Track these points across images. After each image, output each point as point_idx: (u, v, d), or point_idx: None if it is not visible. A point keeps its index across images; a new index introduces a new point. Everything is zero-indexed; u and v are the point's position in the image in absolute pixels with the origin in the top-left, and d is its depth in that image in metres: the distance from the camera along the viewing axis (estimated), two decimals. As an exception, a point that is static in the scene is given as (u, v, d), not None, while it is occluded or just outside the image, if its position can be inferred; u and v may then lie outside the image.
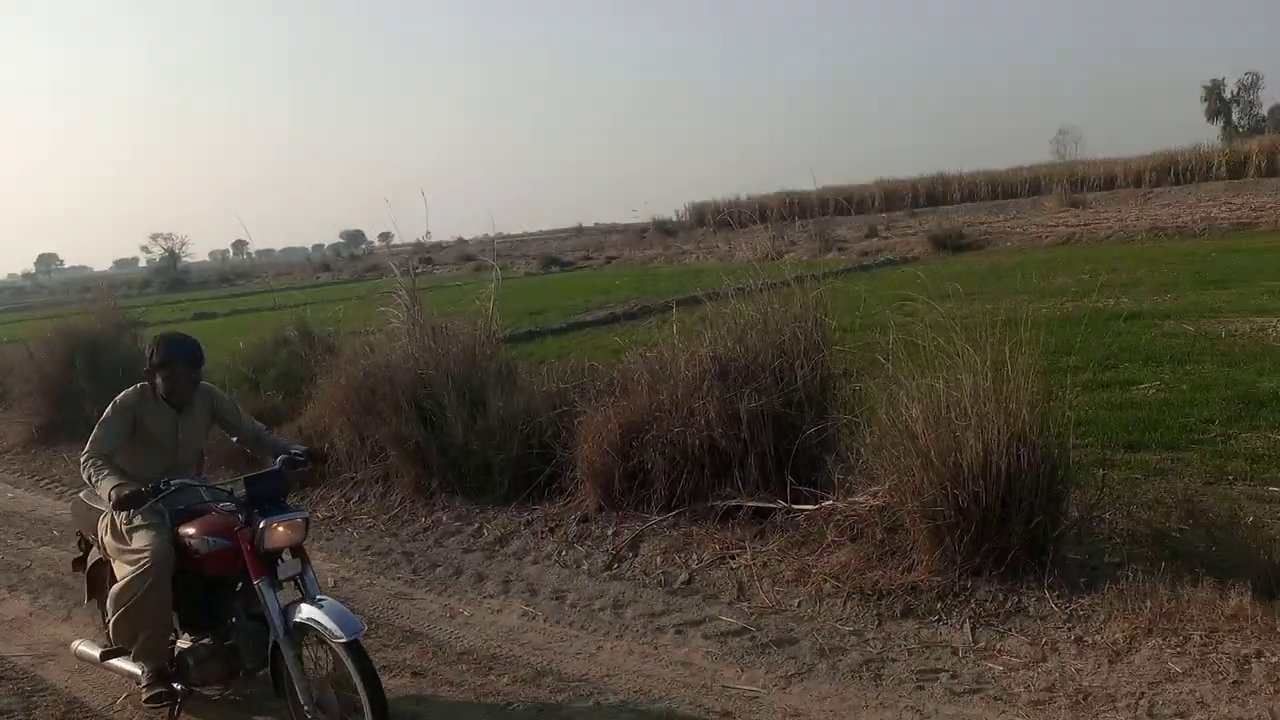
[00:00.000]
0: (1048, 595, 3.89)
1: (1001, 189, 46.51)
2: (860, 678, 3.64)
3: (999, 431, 4.10)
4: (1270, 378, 7.26)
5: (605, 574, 5.01)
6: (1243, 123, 65.00)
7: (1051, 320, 10.70)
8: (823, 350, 5.39)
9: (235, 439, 4.22)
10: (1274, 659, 3.28)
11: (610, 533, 5.36)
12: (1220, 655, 3.35)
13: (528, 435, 6.15)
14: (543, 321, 15.92)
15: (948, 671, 3.58)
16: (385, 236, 46.97)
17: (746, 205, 50.44)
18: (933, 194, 48.46)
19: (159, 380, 3.83)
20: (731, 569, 4.72)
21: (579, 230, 69.57)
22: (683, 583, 4.73)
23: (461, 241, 66.07)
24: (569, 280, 30.21)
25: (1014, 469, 4.04)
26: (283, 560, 3.38)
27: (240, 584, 3.60)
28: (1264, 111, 65.25)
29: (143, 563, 3.48)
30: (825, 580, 4.37)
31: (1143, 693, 3.25)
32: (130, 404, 3.85)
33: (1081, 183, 41.64)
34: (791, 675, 3.73)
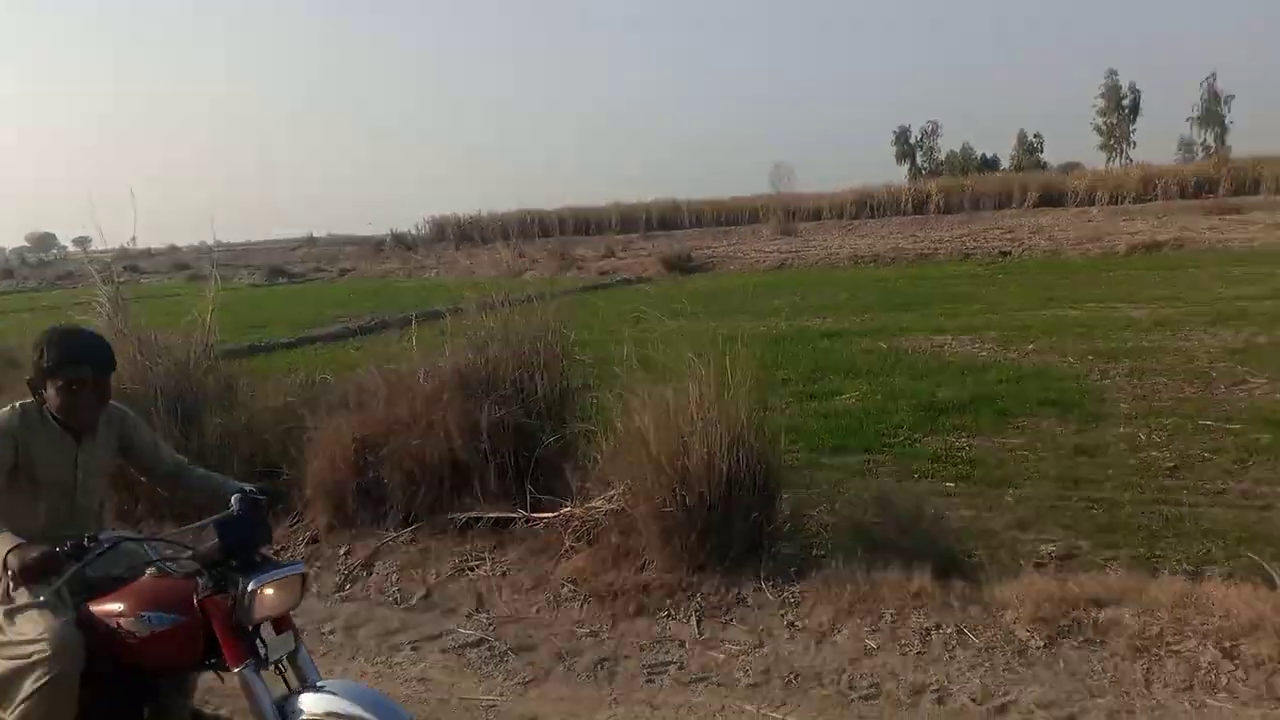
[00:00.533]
0: (764, 586, 4.21)
1: (725, 216, 49.69)
2: (595, 677, 3.75)
3: (721, 436, 4.39)
4: (947, 388, 8.32)
5: (336, 595, 4.80)
6: (925, 165, 74.04)
7: (768, 337, 11.61)
8: (562, 362, 5.51)
9: (145, 478, 3.13)
10: (949, 630, 3.76)
11: (343, 552, 5.14)
12: (907, 630, 3.80)
13: (250, 454, 5.76)
14: (269, 335, 14.97)
15: (676, 663, 3.78)
16: (82, 241, 42.10)
17: (488, 222, 50.36)
18: (665, 219, 50.81)
19: (53, 393, 2.71)
20: (470, 581, 4.69)
21: (310, 241, 65.93)
22: (420, 598, 4.63)
23: (174, 249, 60.70)
24: (299, 293, 28.60)
25: (734, 471, 4.35)
26: (263, 640, 2.42)
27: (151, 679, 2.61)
28: (942, 156, 74.68)
29: (36, 656, 2.42)
30: (563, 585, 4.46)
31: (844, 669, 3.61)
32: (10, 428, 2.69)
33: (794, 213, 45.40)
34: (529, 681, 3.77)
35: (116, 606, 2.50)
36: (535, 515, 4.92)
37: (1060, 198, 42.89)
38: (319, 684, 2.43)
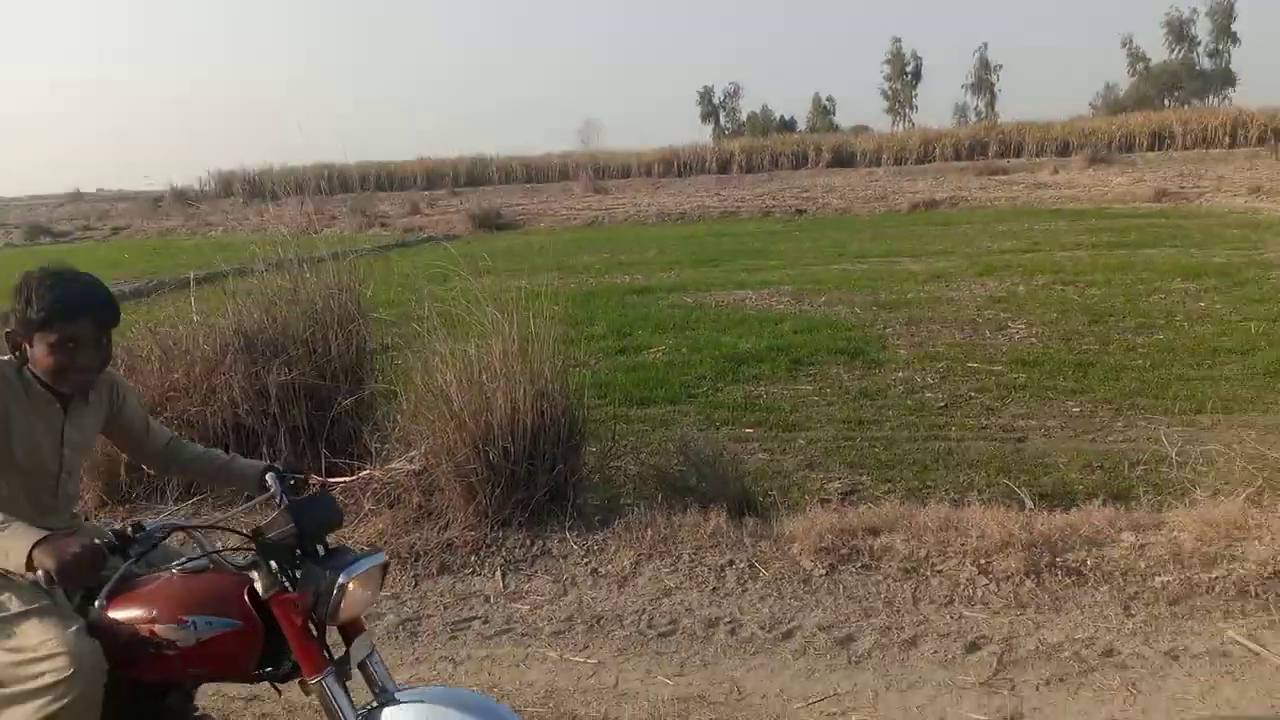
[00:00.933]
0: (569, 536, 4.26)
1: (535, 173, 49.32)
2: (397, 638, 3.67)
3: (525, 391, 4.39)
4: (747, 340, 8.66)
5: (112, 576, 4.44)
6: (728, 126, 76.24)
7: (578, 294, 11.67)
8: (357, 320, 5.30)
9: (131, 455, 2.66)
10: (742, 565, 3.95)
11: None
12: (703, 568, 3.96)
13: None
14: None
15: (480, 618, 3.77)
16: None
17: (281, 176, 47.44)
18: (473, 175, 49.80)
19: (43, 351, 2.16)
20: (263, 552, 4.47)
21: (77, 197, 59.79)
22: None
23: (-92, 205, 53.57)
24: (65, 254, 25.96)
25: (538, 425, 4.36)
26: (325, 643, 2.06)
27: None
28: (744, 117, 77.11)
29: (50, 675, 1.97)
30: (363, 550, 4.32)
31: (645, 609, 3.72)
32: None
33: (604, 171, 45.71)
34: (327, 648, 3.65)
35: (145, 611, 2.03)
36: (331, 480, 4.72)
37: (851, 158, 45.42)
38: (396, 693, 2.06)
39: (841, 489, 5.00)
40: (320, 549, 2.07)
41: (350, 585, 2.00)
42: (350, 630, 2.09)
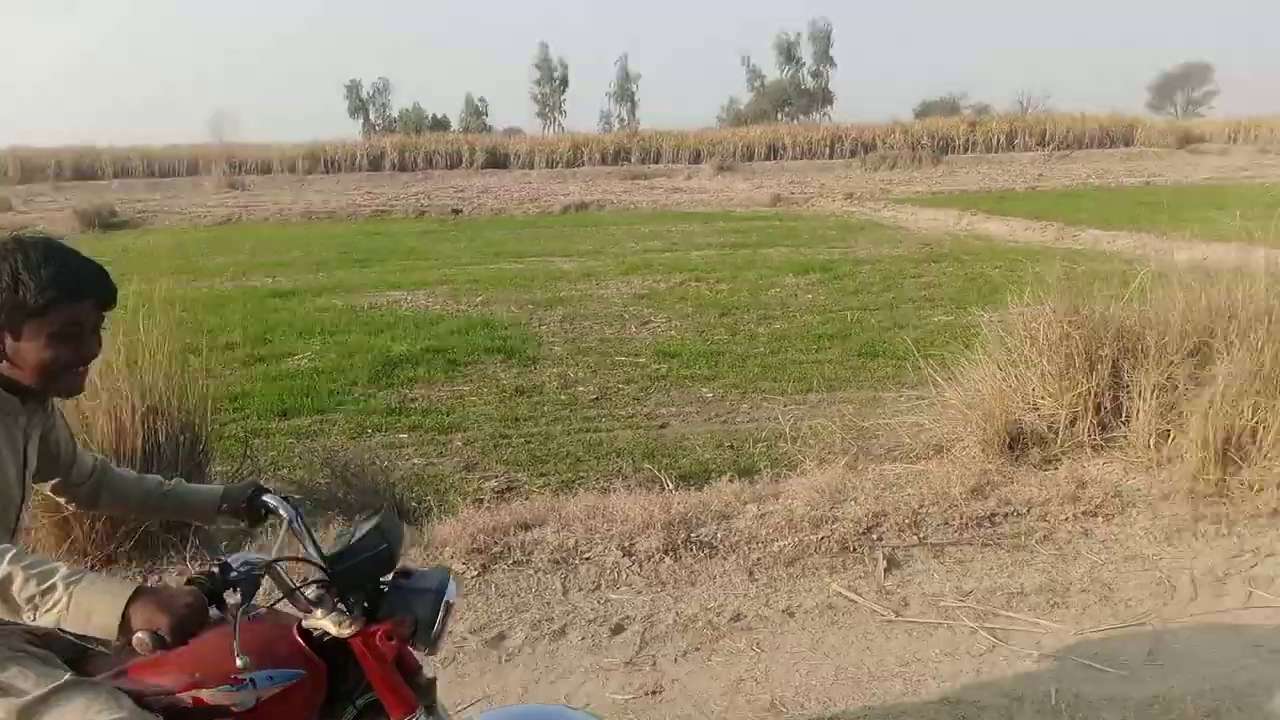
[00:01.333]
0: (190, 566, 3.80)
1: (159, 167, 44.33)
2: None
3: (134, 408, 3.93)
4: (401, 342, 8.42)
5: None
6: (379, 122, 73.82)
7: (209, 298, 10.66)
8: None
9: (51, 484, 2.03)
10: (392, 576, 3.79)
11: None
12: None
13: None
14: None
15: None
16: None
17: None
18: (80, 168, 43.64)
19: (39, 344, 1.69)
20: None
21: None
22: None
23: None
24: None
25: (151, 445, 3.91)
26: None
27: None
28: (395, 114, 75.05)
29: None
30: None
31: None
32: None
33: (240, 166, 42.20)
34: None
35: (182, 675, 1.66)
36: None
37: (505, 160, 45.90)
38: None
39: (498, 487, 5.00)
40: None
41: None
42: (410, 662, 1.80)
